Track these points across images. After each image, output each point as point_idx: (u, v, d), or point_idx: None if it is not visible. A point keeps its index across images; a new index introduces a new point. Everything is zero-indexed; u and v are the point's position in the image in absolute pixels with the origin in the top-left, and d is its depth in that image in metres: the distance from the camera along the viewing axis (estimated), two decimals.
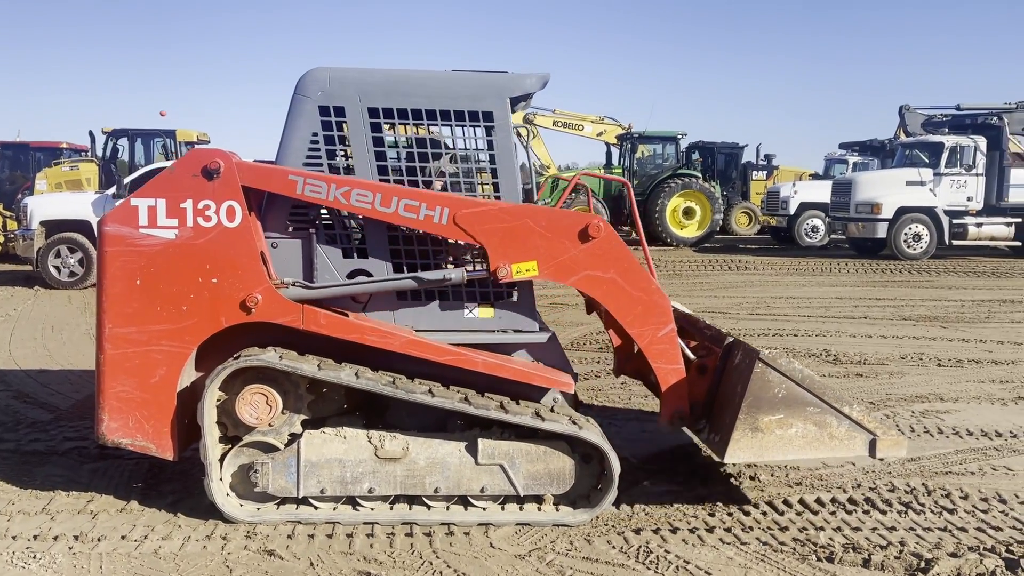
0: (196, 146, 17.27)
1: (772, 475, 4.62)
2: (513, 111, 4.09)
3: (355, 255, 4.04)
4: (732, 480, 4.55)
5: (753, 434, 3.88)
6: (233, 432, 3.91)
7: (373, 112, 3.97)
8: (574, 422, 3.89)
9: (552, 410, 3.99)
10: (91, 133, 17.57)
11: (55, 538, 3.69)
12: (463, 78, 4.07)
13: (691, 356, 4.33)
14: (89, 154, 17.74)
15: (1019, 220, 17.80)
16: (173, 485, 4.30)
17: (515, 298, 4.08)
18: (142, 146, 17.38)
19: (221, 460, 3.87)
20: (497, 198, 4.01)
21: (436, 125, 4.04)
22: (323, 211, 4.03)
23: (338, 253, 4.01)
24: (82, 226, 12.13)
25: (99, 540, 3.67)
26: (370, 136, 3.96)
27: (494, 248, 3.85)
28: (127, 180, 12.19)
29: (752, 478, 4.57)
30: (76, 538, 3.68)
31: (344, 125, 3.97)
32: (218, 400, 3.85)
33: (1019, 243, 18.26)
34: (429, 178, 4.11)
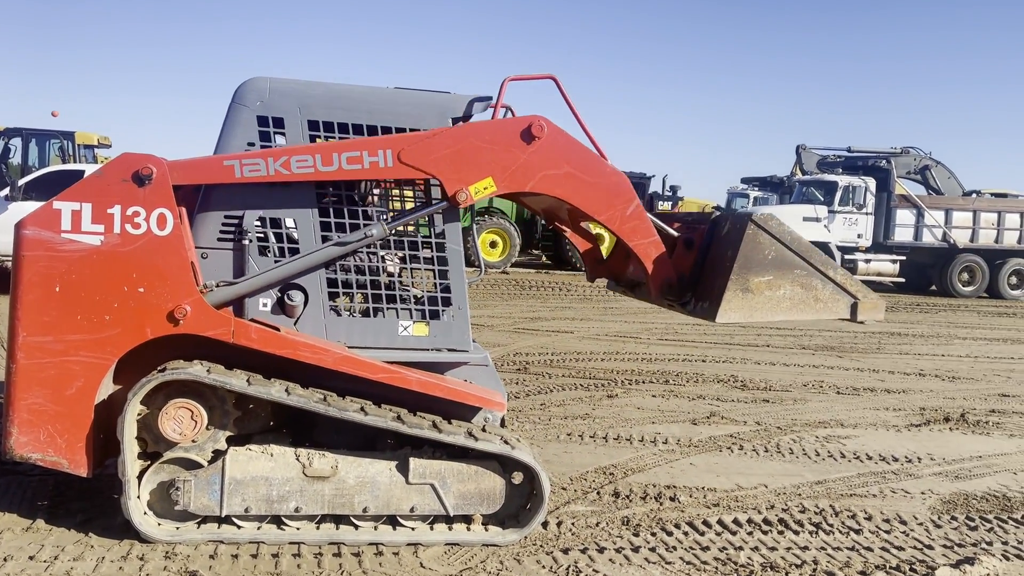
0: (97, 150, 16.57)
1: (691, 496, 4.76)
2: None
3: None
4: (654, 501, 4.65)
5: (744, 295, 3.94)
6: (153, 448, 3.76)
7: (313, 125, 3.92)
8: (506, 442, 3.92)
9: (484, 429, 4.00)
10: None
11: None
12: (405, 96, 4.08)
13: (675, 234, 4.34)
14: None
15: (903, 258, 18.97)
16: (82, 503, 4.09)
17: (450, 316, 4.08)
18: (37, 147, 16.54)
19: (139, 477, 3.71)
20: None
21: None
22: (256, 221, 3.94)
23: (270, 263, 3.93)
24: None
25: (5, 560, 3.45)
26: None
27: (447, 175, 3.85)
28: (22, 182, 11.58)
29: (672, 499, 4.69)
30: None
31: (282, 136, 3.91)
32: (139, 414, 3.69)
33: (903, 279, 19.45)
34: (365, 192, 4.09)
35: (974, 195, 20.29)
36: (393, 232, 3.95)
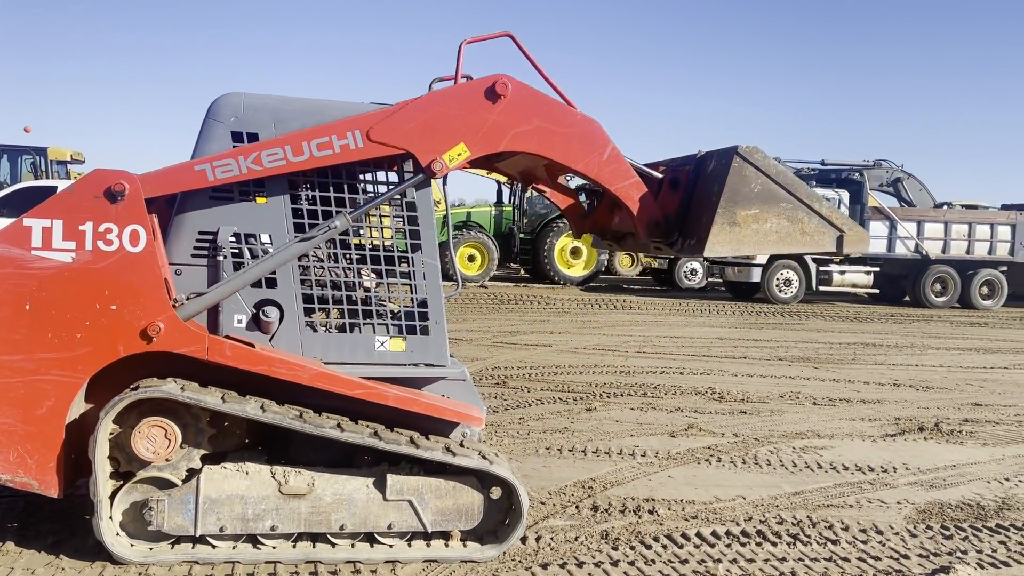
0: (70, 165, 16.40)
1: (670, 509, 4.76)
2: None
3: (263, 284, 3.93)
4: (633, 514, 4.65)
5: (731, 228, 3.91)
6: (126, 467, 3.70)
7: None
8: (484, 457, 3.90)
9: (462, 444, 3.98)
10: None
11: None
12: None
13: (659, 176, 4.30)
14: None
15: (877, 269, 19.19)
16: (53, 524, 4.02)
17: (427, 331, 4.07)
18: (8, 163, 16.35)
19: (112, 497, 3.65)
20: (414, 232, 4.00)
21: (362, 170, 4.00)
22: (231, 237, 3.91)
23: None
24: None
25: None
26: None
27: (419, 147, 3.81)
28: None
29: (651, 512, 4.69)
30: None
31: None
32: (111, 433, 3.64)
33: (876, 290, 19.68)
34: (341, 209, 4.07)
35: (945, 207, 20.58)
36: (355, 221, 3.89)
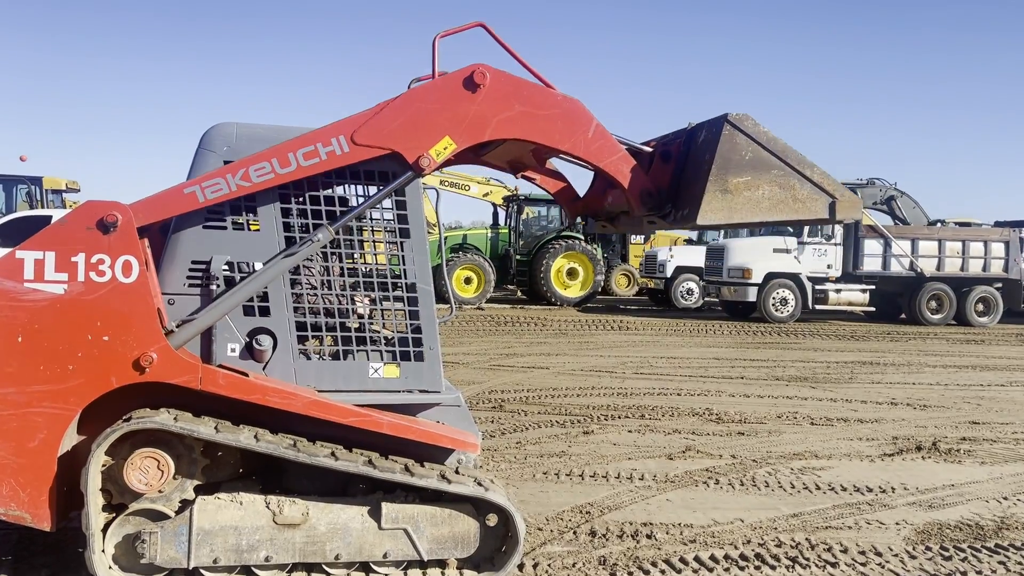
0: (65, 194, 16.42)
1: (668, 533, 4.73)
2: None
3: (256, 313, 3.93)
4: (631, 539, 4.62)
5: (723, 196, 3.89)
6: (118, 499, 3.67)
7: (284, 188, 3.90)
8: (480, 483, 3.88)
9: (457, 471, 3.96)
10: None
11: None
12: None
13: (649, 149, 4.29)
14: None
15: (873, 287, 19.23)
16: (47, 558, 3.99)
17: (422, 357, 4.05)
18: (3, 192, 16.37)
19: (104, 530, 3.62)
20: (407, 258, 4.01)
21: (344, 184, 4.02)
22: (224, 267, 3.91)
23: (238, 310, 3.89)
24: None
25: None
26: (277, 193, 3.90)
27: (404, 145, 3.81)
28: None
29: (649, 536, 4.66)
30: None
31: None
32: (104, 465, 3.62)
33: (873, 308, 19.70)
34: (337, 236, 4.07)
35: (939, 224, 20.68)
36: (347, 232, 3.88)
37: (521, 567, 4.08)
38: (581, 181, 4.85)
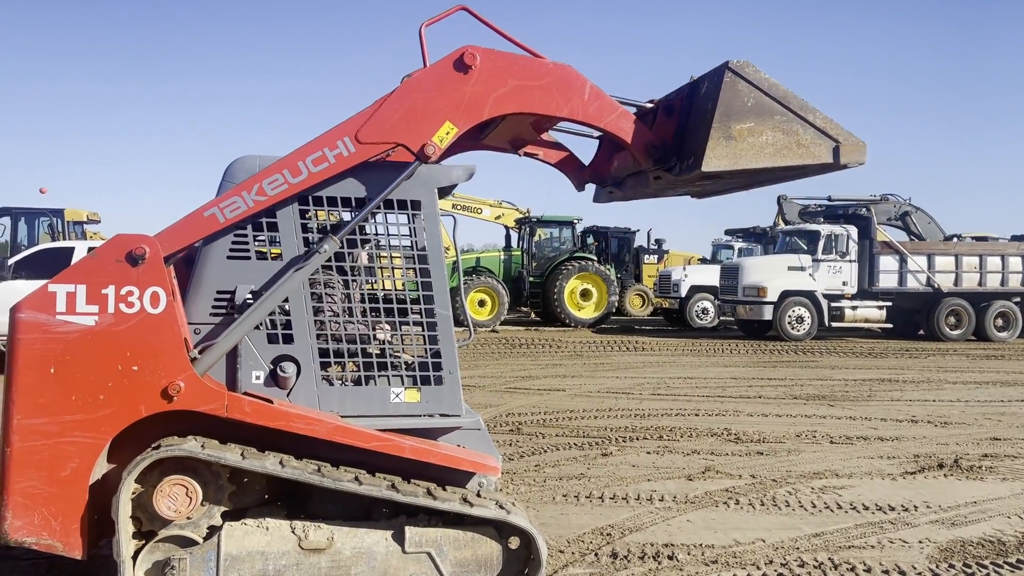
0: (86, 226, 16.66)
1: (689, 554, 4.74)
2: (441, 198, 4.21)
3: (280, 340, 4.00)
4: (652, 560, 4.64)
5: (727, 142, 3.91)
6: (148, 527, 3.74)
7: (302, 199, 4.01)
8: (502, 506, 3.92)
9: (478, 494, 4.00)
10: None
11: None
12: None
13: (650, 105, 4.29)
14: None
15: (889, 304, 19.16)
16: None
17: (441, 381, 4.11)
18: (26, 225, 16.63)
19: (135, 557, 3.68)
20: (426, 284, 4.08)
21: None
22: (248, 296, 3.99)
23: (263, 338, 3.97)
24: None
25: None
26: (299, 222, 3.99)
27: (407, 136, 3.87)
28: (12, 261, 11.63)
29: (670, 558, 4.67)
30: None
31: (273, 211, 3.99)
32: (133, 493, 3.69)
33: (890, 325, 19.61)
34: (356, 263, 4.15)
35: (955, 239, 20.59)
36: (361, 232, 3.94)
37: None
38: (584, 153, 4.87)
